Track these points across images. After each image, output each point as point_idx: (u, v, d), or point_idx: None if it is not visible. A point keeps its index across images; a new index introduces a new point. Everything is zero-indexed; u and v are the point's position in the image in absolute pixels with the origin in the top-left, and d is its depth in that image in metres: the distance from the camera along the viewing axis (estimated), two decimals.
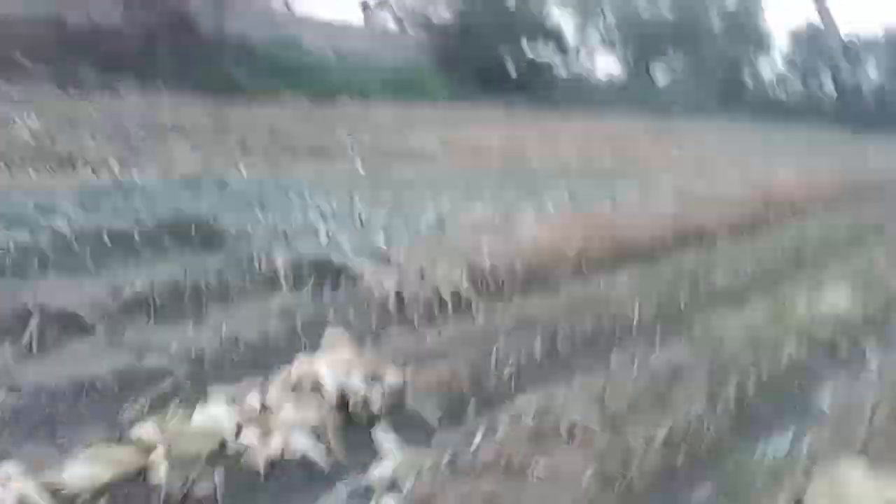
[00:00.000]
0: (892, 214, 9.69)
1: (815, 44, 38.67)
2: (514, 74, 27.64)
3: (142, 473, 2.63)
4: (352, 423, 3.07)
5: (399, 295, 4.60)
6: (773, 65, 40.36)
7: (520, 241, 5.98)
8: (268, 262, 4.82)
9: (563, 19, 31.86)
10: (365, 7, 30.44)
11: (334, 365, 3.17)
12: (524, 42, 28.19)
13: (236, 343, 3.66)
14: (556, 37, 29.68)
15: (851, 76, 38.51)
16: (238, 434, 2.84)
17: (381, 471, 2.85)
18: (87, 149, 8.29)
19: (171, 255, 5.01)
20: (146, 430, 2.78)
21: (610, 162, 11.98)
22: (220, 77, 16.45)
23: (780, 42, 39.86)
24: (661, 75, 37.62)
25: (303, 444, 2.84)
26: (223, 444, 2.79)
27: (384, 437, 3.02)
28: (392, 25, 30.68)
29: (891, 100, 37.64)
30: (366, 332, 4.06)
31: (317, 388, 3.09)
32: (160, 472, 2.61)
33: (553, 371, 3.91)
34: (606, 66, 36.23)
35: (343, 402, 3.09)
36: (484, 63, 25.58)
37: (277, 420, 2.91)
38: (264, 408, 3.00)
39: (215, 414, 2.93)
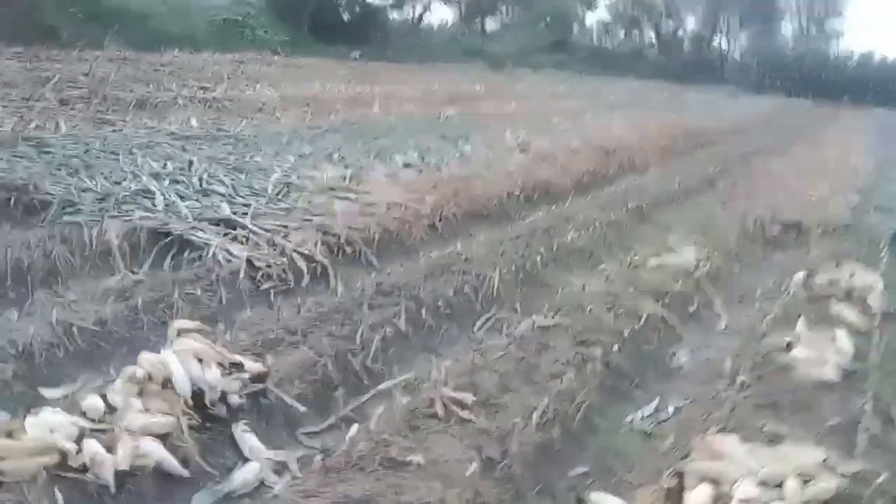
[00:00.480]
0: (720, 164, 10.21)
1: None
2: (347, 20, 26.98)
3: None
4: (210, 421, 2.78)
5: (251, 265, 4.29)
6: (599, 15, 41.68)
7: (373, 202, 5.77)
8: (98, 236, 4.33)
9: None
10: None
11: (185, 357, 2.85)
12: None
13: (69, 333, 3.23)
14: None
15: (672, 28, 40.40)
16: (80, 444, 2.49)
17: (243, 475, 2.60)
18: None
19: None
20: None
21: (453, 116, 11.91)
22: (34, 25, 14.86)
23: None
24: (491, 25, 38.01)
25: (155, 450, 2.53)
26: (64, 457, 2.44)
27: (246, 436, 2.76)
28: None
29: (707, 51, 40.01)
30: (217, 312, 3.73)
31: (167, 384, 2.76)
32: None
33: (420, 344, 3.77)
34: (440, 15, 36.18)
35: (198, 399, 2.79)
36: (317, 8, 24.73)
37: (124, 425, 2.58)
38: (108, 411, 2.65)
39: (51, 421, 2.55)
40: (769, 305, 4.65)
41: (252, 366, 2.98)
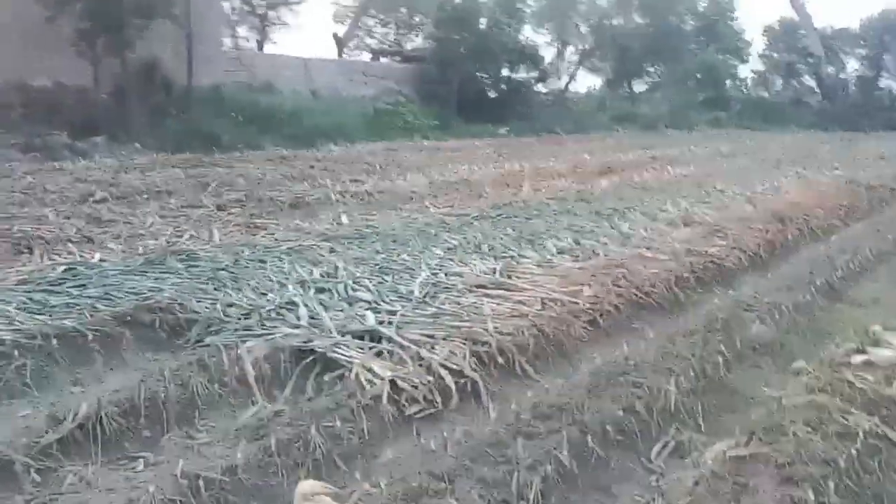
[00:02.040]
0: None
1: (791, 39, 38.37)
2: (494, 97, 27.22)
3: None
4: None
5: (394, 386, 3.92)
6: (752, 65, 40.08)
7: (526, 300, 5.32)
8: (238, 361, 4.13)
9: (539, 36, 31.58)
10: (337, 38, 30.08)
11: None
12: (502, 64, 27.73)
13: (195, 488, 2.94)
14: (533, 57, 29.22)
15: (833, 71, 38.10)
16: None
17: None
18: (48, 224, 7.63)
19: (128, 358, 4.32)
20: None
21: (608, 189, 11.37)
22: (197, 133, 15.83)
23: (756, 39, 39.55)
24: (639, 87, 37.30)
25: None
26: None
27: None
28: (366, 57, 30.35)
29: (874, 93, 37.33)
30: (357, 450, 3.36)
31: None
32: None
33: (588, 482, 3.22)
34: (586, 82, 35.99)
35: None
36: (463, 89, 25.09)
37: None
38: None
39: None
40: None
41: None
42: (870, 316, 5.20)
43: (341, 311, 5.03)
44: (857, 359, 4.26)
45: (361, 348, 4.35)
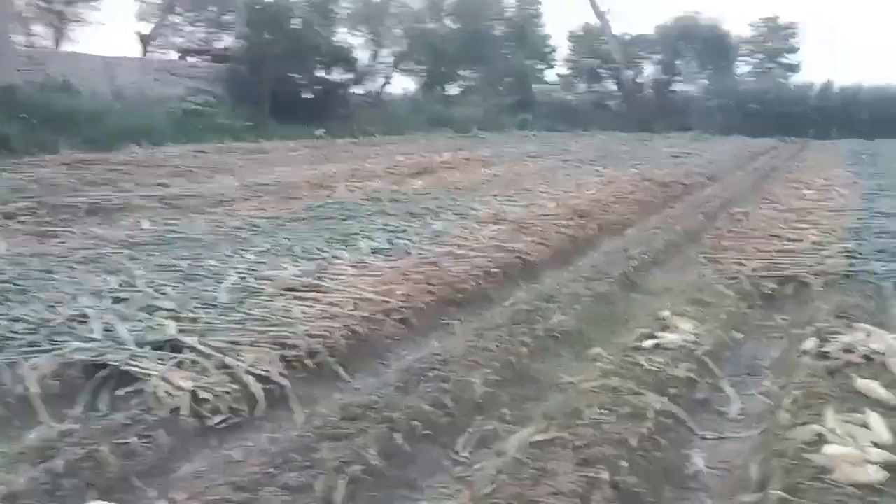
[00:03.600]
0: (700, 215, 9.84)
1: (594, 44, 40.70)
2: (308, 98, 26.91)
3: None
4: None
5: (196, 398, 3.75)
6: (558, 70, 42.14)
7: (338, 301, 5.28)
8: (21, 379, 3.80)
9: (354, 39, 31.53)
10: (141, 37, 28.56)
11: None
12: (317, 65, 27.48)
13: None
14: (347, 58, 29.17)
15: (631, 76, 40.71)
16: None
17: None
18: None
19: None
20: None
21: (422, 189, 11.53)
22: None
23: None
24: (453, 90, 38.21)
25: None
26: None
27: None
28: (174, 56, 29.05)
29: (668, 96, 40.37)
30: (153, 467, 3.18)
31: None
32: None
33: (395, 480, 3.22)
34: (401, 84, 36.38)
35: None
36: (277, 89, 24.61)
37: None
38: None
39: None
40: (782, 382, 4.19)
41: None
42: (661, 303, 5.57)
43: (140, 321, 4.75)
44: (649, 343, 4.57)
45: (161, 359, 4.13)
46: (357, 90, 30.63)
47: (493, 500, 2.82)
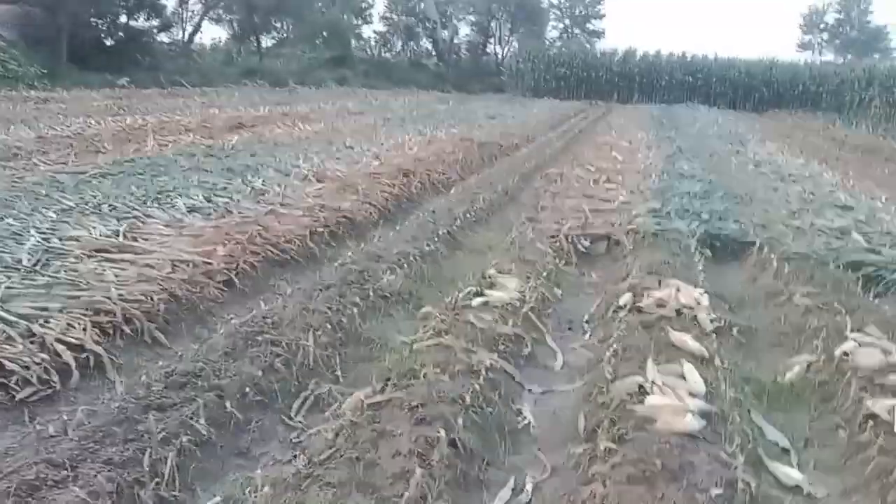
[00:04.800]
0: (517, 175, 10.15)
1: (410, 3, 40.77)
2: (110, 45, 25.07)
3: None
4: None
5: (2, 368, 3.42)
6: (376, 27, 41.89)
7: (155, 262, 4.98)
8: None
9: None
10: None
11: None
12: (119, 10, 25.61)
13: None
14: (153, 4, 27.39)
15: (447, 36, 41.21)
16: None
17: None
18: None
19: None
20: None
21: (239, 145, 11.09)
22: None
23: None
24: (267, 42, 37.01)
25: None
26: None
27: None
28: None
29: (482, 58, 41.25)
30: None
31: None
32: None
33: (229, 449, 3.10)
34: (212, 34, 34.75)
35: None
36: (75, 35, 22.69)
37: None
38: None
39: None
40: (602, 335, 4.44)
41: None
42: (486, 261, 5.70)
43: None
44: (477, 301, 4.67)
45: None
46: (164, 38, 28.92)
47: (331, 465, 2.78)
